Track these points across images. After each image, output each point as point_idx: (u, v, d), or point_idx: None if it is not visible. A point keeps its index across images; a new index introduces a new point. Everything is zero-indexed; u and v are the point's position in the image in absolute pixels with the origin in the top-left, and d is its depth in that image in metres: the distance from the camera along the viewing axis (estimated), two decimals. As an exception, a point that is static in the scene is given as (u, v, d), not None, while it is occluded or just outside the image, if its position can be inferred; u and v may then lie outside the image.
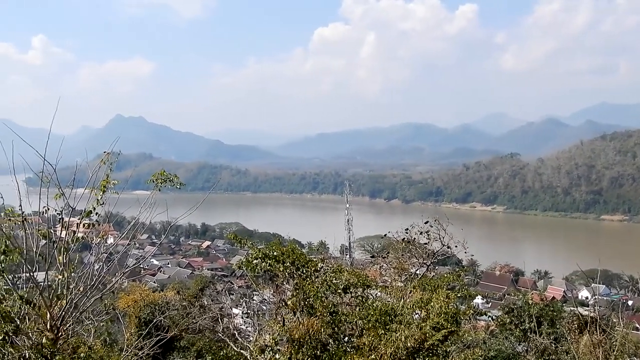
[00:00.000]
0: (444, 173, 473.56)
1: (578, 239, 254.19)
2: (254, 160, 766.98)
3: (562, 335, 24.76)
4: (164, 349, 23.57)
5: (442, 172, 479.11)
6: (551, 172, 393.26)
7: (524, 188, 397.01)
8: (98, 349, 16.89)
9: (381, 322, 13.59)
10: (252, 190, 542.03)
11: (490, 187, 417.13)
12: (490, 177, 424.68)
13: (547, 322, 26.36)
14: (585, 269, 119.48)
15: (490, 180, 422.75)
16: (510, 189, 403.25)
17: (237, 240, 18.12)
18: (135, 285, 34.38)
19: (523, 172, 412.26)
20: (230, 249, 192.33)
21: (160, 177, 11.58)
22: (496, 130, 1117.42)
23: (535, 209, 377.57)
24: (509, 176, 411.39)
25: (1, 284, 10.81)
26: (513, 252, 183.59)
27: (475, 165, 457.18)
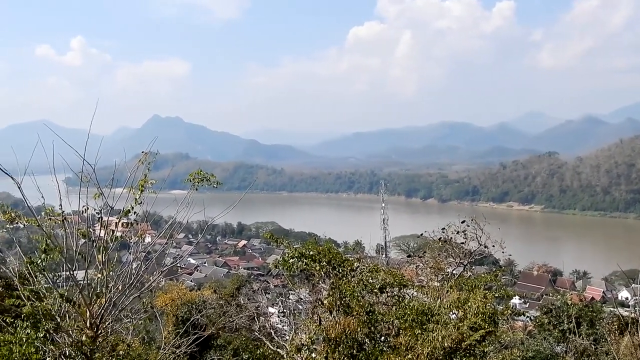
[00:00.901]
0: (481, 172, 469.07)
1: (618, 238, 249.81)
2: (290, 160, 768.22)
3: (601, 337, 24.45)
4: (201, 347, 23.71)
5: (479, 171, 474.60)
6: (590, 171, 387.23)
7: (562, 187, 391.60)
8: (136, 346, 17.09)
9: (418, 321, 13.52)
10: (288, 190, 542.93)
11: (527, 186, 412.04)
12: (528, 176, 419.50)
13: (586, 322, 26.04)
14: (625, 269, 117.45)
15: (527, 180, 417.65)
16: (548, 188, 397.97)
17: (273, 240, 18.15)
18: (173, 284, 34.65)
19: (561, 171, 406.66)
20: (266, 248, 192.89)
21: (197, 177, 11.66)
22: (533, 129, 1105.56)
23: (574, 208, 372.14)
24: (547, 175, 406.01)
25: (42, 282, 10.97)
26: (551, 252, 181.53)
27: (513, 164, 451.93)
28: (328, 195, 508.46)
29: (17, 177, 10.54)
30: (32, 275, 10.84)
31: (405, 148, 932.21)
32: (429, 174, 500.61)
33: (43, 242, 10.36)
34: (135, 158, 11.53)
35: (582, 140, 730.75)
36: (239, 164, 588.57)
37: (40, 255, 10.40)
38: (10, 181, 10.60)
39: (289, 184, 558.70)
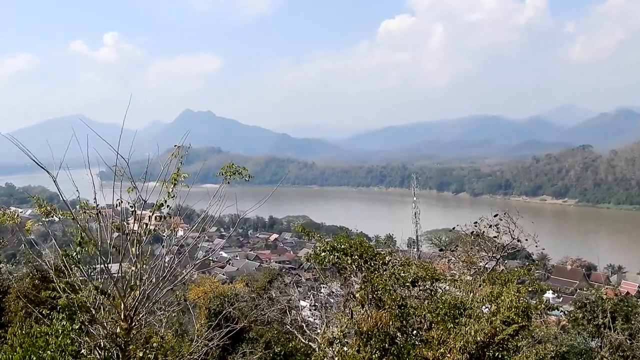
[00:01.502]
0: (513, 166, 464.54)
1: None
2: (321, 154, 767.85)
3: (637, 331, 24.10)
4: (233, 340, 23.86)
5: (512, 165, 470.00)
6: (625, 164, 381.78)
7: (597, 181, 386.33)
8: (169, 339, 17.24)
9: (450, 315, 13.50)
10: (319, 184, 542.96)
11: (561, 180, 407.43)
12: (561, 170, 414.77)
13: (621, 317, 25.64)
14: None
15: (561, 173, 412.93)
16: (582, 182, 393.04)
17: (305, 233, 18.22)
18: (205, 277, 34.88)
19: (595, 164, 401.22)
20: (297, 242, 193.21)
21: (229, 170, 11.69)
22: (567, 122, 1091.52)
23: (609, 202, 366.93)
24: (581, 169, 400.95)
25: (77, 274, 11.11)
26: (585, 246, 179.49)
27: (546, 157, 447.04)
28: (359, 189, 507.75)
29: (52, 171, 10.67)
30: (67, 267, 10.97)
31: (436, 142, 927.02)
32: (460, 168, 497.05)
33: (78, 235, 10.49)
34: (168, 152, 11.61)
35: (616, 133, 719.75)
36: (271, 158, 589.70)
37: (75, 248, 10.53)
38: (46, 175, 10.73)
39: (320, 177, 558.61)
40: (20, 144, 10.39)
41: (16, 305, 19.11)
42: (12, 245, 30.72)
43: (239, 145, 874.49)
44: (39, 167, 10.45)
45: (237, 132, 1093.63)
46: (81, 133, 11.00)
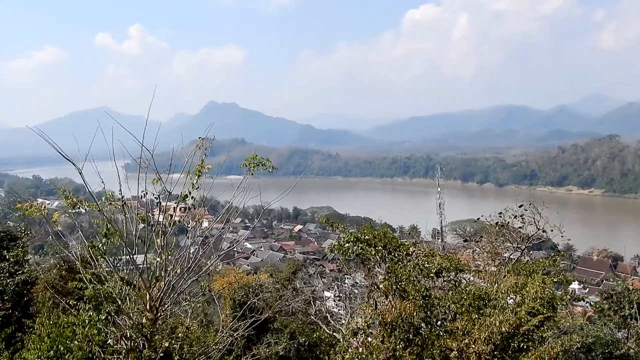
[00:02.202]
0: (539, 156, 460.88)
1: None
2: (345, 145, 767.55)
3: (664, 322, 23.90)
4: (258, 331, 23.94)
5: (537, 155, 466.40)
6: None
7: (624, 171, 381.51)
8: (195, 329, 17.35)
9: (475, 306, 13.47)
10: (343, 175, 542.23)
11: (587, 170, 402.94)
12: (588, 160, 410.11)
13: (648, 308, 25.44)
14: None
15: (587, 163, 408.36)
16: (609, 172, 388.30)
17: (329, 224, 18.19)
18: (230, 268, 35.01)
19: (622, 154, 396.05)
20: (321, 233, 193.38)
21: (253, 162, 11.72)
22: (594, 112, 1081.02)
23: (636, 192, 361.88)
24: (608, 159, 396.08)
25: (103, 265, 11.22)
26: (611, 237, 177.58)
27: (572, 147, 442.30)
28: (383, 180, 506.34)
29: (78, 163, 10.76)
30: (93, 258, 11.08)
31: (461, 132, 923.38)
32: (485, 158, 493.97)
33: (104, 227, 10.59)
34: (192, 144, 11.67)
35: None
36: (294, 149, 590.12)
37: (101, 239, 10.64)
38: (72, 167, 10.84)
39: (344, 168, 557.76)
40: (47, 137, 10.49)
41: (44, 296, 19.29)
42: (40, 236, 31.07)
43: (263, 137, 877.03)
44: (66, 160, 10.54)
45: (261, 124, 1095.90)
46: (106, 125, 11.09)
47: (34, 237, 29.27)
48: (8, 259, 23.68)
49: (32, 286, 22.29)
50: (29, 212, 11.91)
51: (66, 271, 21.90)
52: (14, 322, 16.85)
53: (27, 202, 12.83)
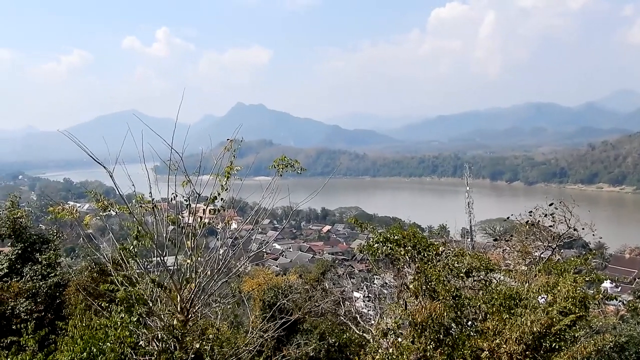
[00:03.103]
0: (568, 153, 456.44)
1: None
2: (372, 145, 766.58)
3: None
4: (288, 332, 23.96)
5: (566, 153, 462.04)
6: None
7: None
8: (225, 330, 17.42)
9: (505, 306, 13.35)
10: (371, 175, 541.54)
11: (618, 167, 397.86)
12: (618, 157, 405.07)
13: (682, 307, 25.10)
14: None
15: (618, 160, 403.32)
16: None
17: (357, 225, 18.16)
18: (259, 269, 35.11)
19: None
20: (350, 233, 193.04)
21: (281, 163, 11.74)
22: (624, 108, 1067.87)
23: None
24: (639, 155, 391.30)
25: (134, 267, 11.30)
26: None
27: (602, 144, 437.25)
28: (411, 180, 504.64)
29: (108, 166, 10.85)
30: (124, 261, 11.17)
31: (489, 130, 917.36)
32: (514, 157, 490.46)
33: (134, 229, 10.66)
34: (221, 145, 11.70)
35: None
36: (322, 150, 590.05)
37: (132, 241, 10.71)
38: (102, 170, 10.94)
39: (372, 168, 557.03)
40: (77, 140, 10.60)
41: (76, 298, 19.52)
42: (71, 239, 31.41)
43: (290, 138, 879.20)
44: (95, 162, 10.64)
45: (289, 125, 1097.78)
46: (135, 128, 11.18)
47: (65, 240, 29.58)
48: (41, 262, 23.95)
49: (64, 288, 22.53)
50: (60, 215, 12.04)
51: (97, 273, 22.11)
52: (47, 324, 17.04)
53: (59, 206, 12.97)
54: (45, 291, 22.42)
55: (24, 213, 26.58)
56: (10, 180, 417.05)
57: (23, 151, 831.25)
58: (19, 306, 20.94)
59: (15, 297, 21.51)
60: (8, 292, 21.60)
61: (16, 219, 25.73)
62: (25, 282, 22.84)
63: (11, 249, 25.49)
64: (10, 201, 26.92)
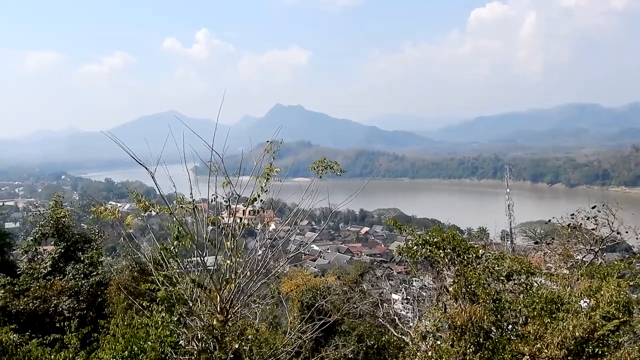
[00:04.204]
0: (611, 155, 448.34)
1: None
2: (411, 146, 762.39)
3: None
4: (326, 333, 23.98)
5: (609, 154, 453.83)
6: None
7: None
8: (264, 331, 17.49)
9: (547, 310, 13.20)
10: (410, 176, 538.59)
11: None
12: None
13: None
14: None
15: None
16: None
17: (396, 227, 18.10)
18: (297, 270, 35.17)
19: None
20: (388, 235, 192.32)
21: (321, 165, 11.73)
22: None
23: None
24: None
25: (175, 267, 11.40)
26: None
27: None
28: (450, 182, 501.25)
29: (149, 166, 10.96)
30: (165, 260, 11.27)
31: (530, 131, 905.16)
32: (555, 158, 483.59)
33: (175, 230, 10.75)
34: (260, 147, 11.75)
35: None
36: (360, 151, 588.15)
37: (172, 242, 10.80)
38: (142, 170, 11.05)
39: (411, 170, 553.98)
40: (120, 141, 10.72)
41: (117, 297, 19.76)
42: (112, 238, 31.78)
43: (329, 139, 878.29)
44: (136, 162, 10.75)
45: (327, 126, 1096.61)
46: (174, 129, 11.27)
47: (107, 239, 29.96)
48: (83, 261, 24.32)
49: (106, 287, 22.85)
50: (103, 215, 12.20)
51: (138, 272, 22.39)
52: (89, 322, 17.26)
53: (101, 206, 13.14)
54: (87, 290, 22.76)
55: (67, 213, 27.02)
56: (54, 180, 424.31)
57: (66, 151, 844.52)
58: (62, 304, 21.29)
59: (58, 295, 21.87)
60: (51, 290, 21.98)
61: (59, 218, 26.16)
62: (68, 281, 23.21)
63: (54, 247, 25.92)
64: (54, 201, 27.38)
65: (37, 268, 25.05)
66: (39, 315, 20.87)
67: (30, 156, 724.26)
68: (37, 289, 21.95)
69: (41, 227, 26.61)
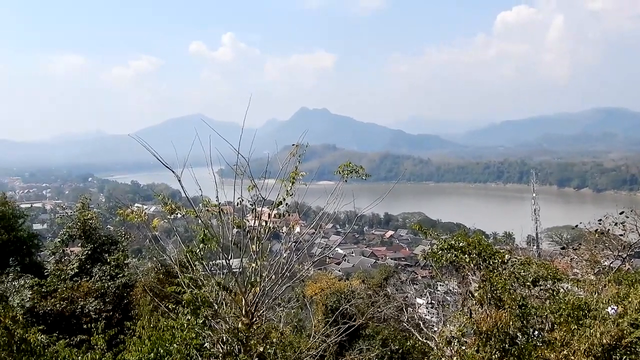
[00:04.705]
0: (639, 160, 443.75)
1: None
2: (436, 150, 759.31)
3: None
4: (350, 337, 23.94)
5: (637, 159, 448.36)
6: None
7: None
8: (288, 334, 17.50)
9: (574, 316, 13.08)
10: (435, 180, 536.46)
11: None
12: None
13: None
14: None
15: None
16: None
17: (421, 231, 18.03)
18: (322, 274, 35.17)
19: None
20: (413, 239, 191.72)
21: (346, 169, 11.73)
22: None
23: None
24: None
25: (200, 269, 11.45)
26: None
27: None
28: (476, 186, 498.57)
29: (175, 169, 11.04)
30: (190, 263, 11.32)
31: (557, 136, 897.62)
32: (582, 163, 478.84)
33: (201, 233, 10.80)
34: (285, 150, 11.77)
35: None
36: (385, 154, 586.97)
37: (198, 244, 10.86)
38: (168, 173, 11.13)
39: (436, 174, 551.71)
40: (146, 144, 10.80)
41: (143, 299, 19.88)
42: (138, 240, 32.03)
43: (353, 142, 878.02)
44: (162, 165, 10.82)
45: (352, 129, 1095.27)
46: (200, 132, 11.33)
47: (132, 241, 30.21)
48: (109, 262, 24.53)
49: (132, 289, 23.01)
50: (130, 218, 12.29)
51: (163, 275, 22.52)
52: (114, 323, 17.40)
53: (127, 208, 13.25)
54: (113, 291, 22.94)
55: (94, 215, 27.28)
56: (81, 182, 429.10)
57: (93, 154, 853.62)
58: (89, 305, 21.47)
59: (85, 296, 22.06)
60: (78, 292, 22.18)
61: (86, 220, 26.42)
62: (94, 282, 23.42)
63: (81, 249, 26.18)
64: (82, 203, 27.65)
65: (64, 269, 25.30)
66: (66, 316, 21.06)
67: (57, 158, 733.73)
68: (64, 290, 22.16)
69: (68, 228, 26.91)
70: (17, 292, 17.38)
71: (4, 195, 32.36)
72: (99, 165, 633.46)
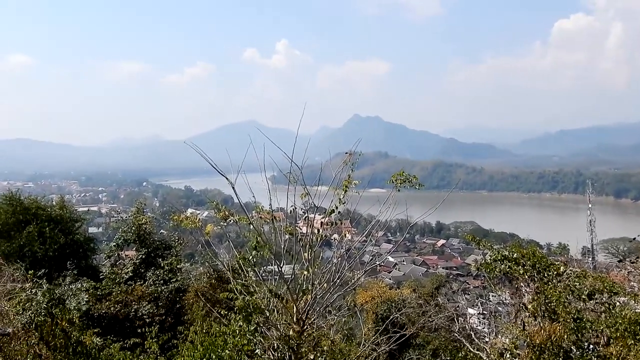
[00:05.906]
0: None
1: None
2: (490, 159, 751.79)
3: None
4: (400, 346, 23.82)
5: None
6: None
7: None
8: (338, 342, 17.48)
9: (630, 331, 12.78)
10: (488, 189, 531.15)
11: None
12: None
13: None
14: None
15: None
16: None
17: (474, 241, 17.84)
18: (373, 282, 35.08)
19: None
20: (465, 248, 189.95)
21: (399, 178, 11.66)
22: None
23: None
24: None
25: (252, 276, 11.51)
26: None
27: None
28: (530, 195, 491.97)
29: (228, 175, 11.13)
30: (242, 269, 11.39)
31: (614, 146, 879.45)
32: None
33: (254, 240, 10.85)
34: (337, 157, 11.76)
35: None
36: (438, 163, 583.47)
37: (250, 251, 10.91)
38: (220, 178, 11.22)
39: (489, 183, 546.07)
40: (201, 150, 10.91)
41: (196, 304, 20.09)
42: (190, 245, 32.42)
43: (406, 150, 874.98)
44: (214, 171, 10.91)
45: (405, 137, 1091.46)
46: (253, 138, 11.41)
47: (185, 246, 30.56)
48: (163, 267, 24.88)
49: (184, 294, 23.27)
50: (184, 224, 12.42)
51: (215, 280, 22.71)
52: (167, 327, 17.61)
53: (182, 213, 13.41)
54: (166, 295, 23.25)
55: (148, 220, 27.68)
56: (135, 186, 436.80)
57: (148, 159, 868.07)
58: (142, 309, 21.80)
59: (138, 300, 22.41)
60: (132, 295, 22.54)
61: (141, 225, 26.83)
62: (148, 286, 23.76)
63: (136, 253, 26.60)
64: (137, 207, 28.11)
65: (119, 273, 25.75)
66: (120, 320, 21.42)
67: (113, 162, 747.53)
68: (119, 294, 22.56)
69: (123, 233, 27.38)
70: (74, 295, 17.69)
71: (62, 199, 33.07)
72: (154, 170, 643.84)
